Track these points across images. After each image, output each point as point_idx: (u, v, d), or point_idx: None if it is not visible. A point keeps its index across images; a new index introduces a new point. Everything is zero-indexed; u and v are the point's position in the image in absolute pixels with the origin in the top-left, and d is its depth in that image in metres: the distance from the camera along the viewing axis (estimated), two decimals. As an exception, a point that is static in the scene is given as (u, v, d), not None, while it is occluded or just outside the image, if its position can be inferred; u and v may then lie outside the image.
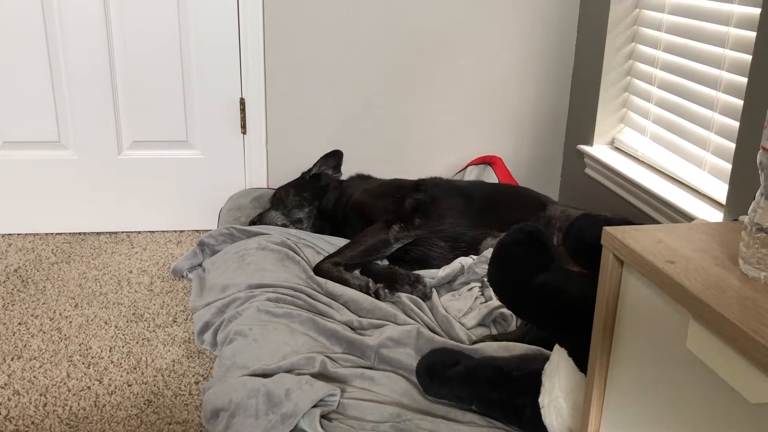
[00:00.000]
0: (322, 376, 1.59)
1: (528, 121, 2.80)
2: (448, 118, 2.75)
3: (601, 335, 1.13)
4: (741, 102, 1.86)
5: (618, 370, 1.12)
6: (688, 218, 2.05)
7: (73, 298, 2.19)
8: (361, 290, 1.98)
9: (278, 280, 1.97)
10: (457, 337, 1.77)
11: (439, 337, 1.73)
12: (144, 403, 1.70)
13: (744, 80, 1.85)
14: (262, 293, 1.91)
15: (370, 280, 2.03)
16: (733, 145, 1.89)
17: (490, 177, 2.64)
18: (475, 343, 1.73)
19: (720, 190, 2.03)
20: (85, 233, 2.67)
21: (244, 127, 2.64)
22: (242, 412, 1.47)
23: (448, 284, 2.08)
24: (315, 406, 1.44)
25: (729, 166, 1.91)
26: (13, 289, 2.23)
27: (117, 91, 2.55)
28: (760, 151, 0.92)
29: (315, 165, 2.58)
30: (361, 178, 2.54)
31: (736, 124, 1.88)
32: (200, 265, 2.30)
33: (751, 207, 0.94)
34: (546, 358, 1.42)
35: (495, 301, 1.89)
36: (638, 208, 2.32)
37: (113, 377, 1.80)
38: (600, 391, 1.17)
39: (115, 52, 2.50)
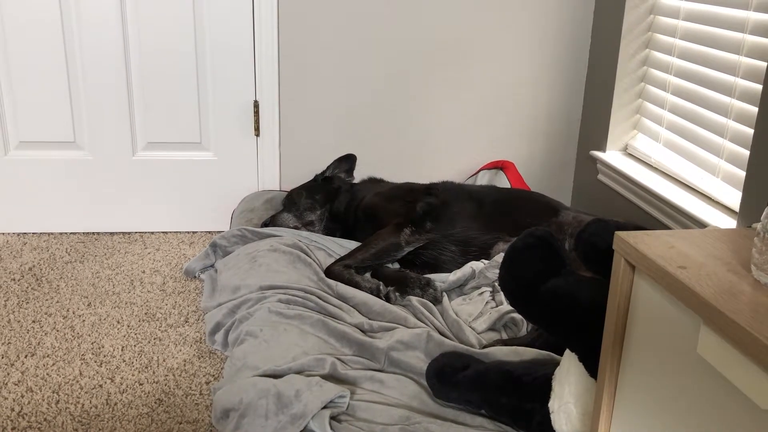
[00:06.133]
0: (332, 377, 1.60)
1: (541, 127, 2.80)
2: (461, 123, 2.76)
3: (612, 340, 1.13)
4: (755, 109, 1.85)
5: (628, 375, 1.12)
6: (701, 225, 2.04)
7: (87, 297, 2.21)
8: (371, 293, 1.99)
9: (289, 282, 1.97)
10: (468, 341, 1.77)
11: (450, 341, 1.73)
12: (155, 402, 1.71)
13: (759, 87, 1.84)
14: (273, 295, 1.92)
15: (381, 283, 2.03)
16: (747, 152, 1.88)
17: (503, 182, 2.64)
18: (485, 347, 1.73)
19: (733, 198, 2.01)
20: (98, 233, 2.69)
21: (257, 129, 2.65)
22: (252, 413, 1.48)
23: (458, 288, 2.08)
24: (325, 407, 1.45)
25: (743, 173, 1.90)
26: (27, 288, 2.26)
27: (132, 93, 2.57)
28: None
29: (328, 168, 2.59)
30: (372, 182, 2.55)
31: (751, 131, 1.87)
32: (212, 266, 2.31)
33: (765, 213, 0.93)
34: (556, 363, 1.42)
35: (506, 306, 1.89)
36: (651, 214, 2.31)
37: (125, 376, 1.81)
38: (610, 397, 1.16)
39: (130, 54, 2.53)
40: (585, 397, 1.29)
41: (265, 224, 2.39)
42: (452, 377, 1.51)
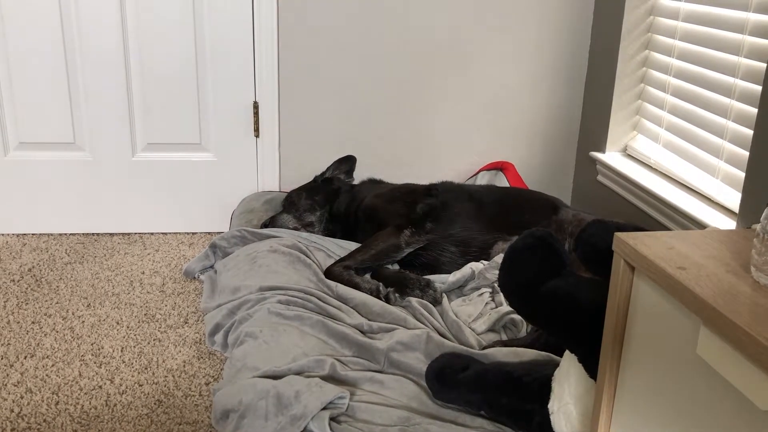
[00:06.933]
0: (332, 378, 1.60)
1: (540, 128, 2.80)
2: (460, 124, 2.76)
3: (612, 341, 1.13)
4: (755, 110, 1.85)
5: (628, 376, 1.12)
6: (701, 226, 2.04)
7: (86, 298, 2.20)
8: (371, 294, 1.99)
9: (289, 283, 1.97)
10: (467, 342, 1.77)
11: (449, 342, 1.73)
12: (154, 403, 1.71)
13: (758, 88, 1.84)
14: (273, 295, 1.92)
15: (381, 284, 2.03)
16: (746, 153, 1.88)
17: (502, 183, 2.64)
18: (485, 348, 1.73)
19: (733, 199, 2.02)
20: (98, 234, 2.69)
21: (257, 130, 2.66)
22: (252, 413, 1.48)
23: (458, 289, 2.08)
24: (324, 408, 1.45)
25: (742, 174, 1.90)
26: (27, 289, 2.25)
27: (132, 94, 2.57)
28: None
29: (328, 169, 2.59)
30: (372, 183, 2.55)
31: (750, 132, 1.87)
32: (212, 266, 2.31)
33: (764, 214, 0.93)
34: (556, 364, 1.42)
35: (505, 307, 1.89)
36: (650, 215, 2.31)
37: (124, 377, 1.81)
38: (610, 398, 1.16)
39: (130, 55, 2.53)
40: (585, 398, 1.29)
41: (264, 225, 2.39)
42: (452, 378, 1.51)
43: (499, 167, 2.70)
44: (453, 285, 2.06)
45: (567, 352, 1.35)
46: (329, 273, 2.09)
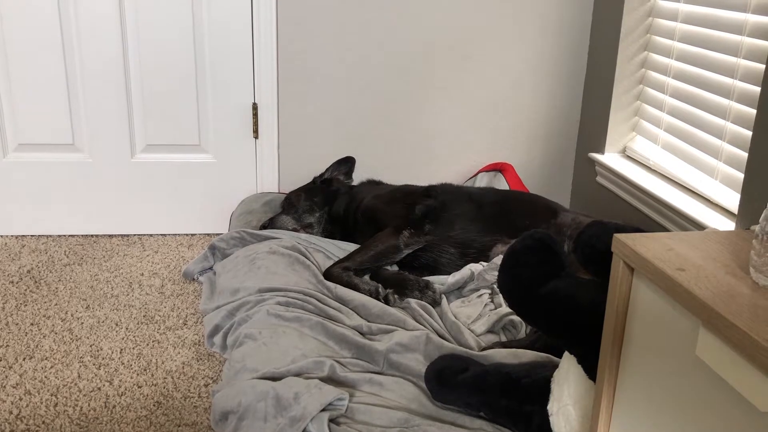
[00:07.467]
0: (331, 380, 1.60)
1: (540, 129, 2.80)
2: (459, 125, 2.76)
3: (611, 342, 1.13)
4: (754, 111, 1.85)
5: (627, 377, 1.12)
6: (700, 227, 2.04)
7: (85, 300, 2.20)
8: (370, 295, 1.99)
9: (288, 284, 1.97)
10: (467, 344, 1.77)
11: (448, 344, 1.73)
12: (153, 405, 1.71)
13: (757, 89, 1.84)
14: (272, 297, 1.91)
15: (380, 285, 2.03)
16: (745, 155, 1.88)
17: (501, 184, 2.64)
18: (484, 349, 1.73)
19: (732, 200, 2.02)
20: (97, 235, 2.69)
21: (256, 131, 2.66)
22: (251, 415, 1.48)
23: (457, 291, 2.07)
24: (324, 410, 1.45)
25: (741, 176, 1.90)
26: (25, 290, 2.25)
27: (131, 95, 2.57)
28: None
29: (327, 170, 2.59)
30: (371, 184, 2.55)
31: (749, 133, 1.87)
32: (211, 268, 2.31)
33: (763, 215, 0.93)
34: (555, 366, 1.42)
35: (505, 308, 1.89)
36: (649, 216, 2.31)
37: (123, 378, 1.81)
38: (609, 399, 1.16)
39: (129, 56, 2.53)
40: (584, 399, 1.29)
41: (263, 226, 2.39)
42: (451, 379, 1.51)
43: (498, 168, 2.70)
44: (452, 286, 2.06)
45: (566, 354, 1.35)
46: (328, 274, 2.09)
